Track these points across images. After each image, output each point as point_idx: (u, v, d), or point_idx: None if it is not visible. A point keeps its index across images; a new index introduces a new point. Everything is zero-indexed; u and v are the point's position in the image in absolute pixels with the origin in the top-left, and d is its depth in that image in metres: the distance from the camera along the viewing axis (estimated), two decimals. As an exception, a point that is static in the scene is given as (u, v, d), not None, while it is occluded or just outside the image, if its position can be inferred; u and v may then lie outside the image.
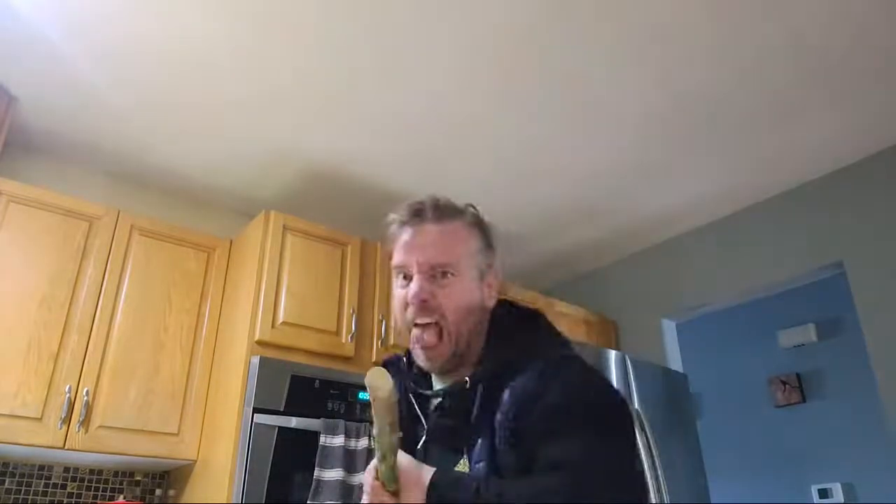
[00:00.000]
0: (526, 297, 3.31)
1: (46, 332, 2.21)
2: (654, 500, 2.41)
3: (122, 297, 2.40)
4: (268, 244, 2.50)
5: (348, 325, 2.56)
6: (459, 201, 1.06)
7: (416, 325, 0.96)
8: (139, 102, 2.46)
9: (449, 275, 0.97)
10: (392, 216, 1.03)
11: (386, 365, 1.00)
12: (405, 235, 1.00)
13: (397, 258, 1.00)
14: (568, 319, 3.41)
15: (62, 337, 2.23)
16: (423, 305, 0.95)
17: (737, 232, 3.21)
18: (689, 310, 3.41)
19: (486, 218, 1.06)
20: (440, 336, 0.95)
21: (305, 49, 2.21)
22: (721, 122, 2.58)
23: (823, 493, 3.58)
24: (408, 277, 0.98)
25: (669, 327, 3.46)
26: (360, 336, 2.58)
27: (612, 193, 3.11)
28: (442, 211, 1.01)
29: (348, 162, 2.84)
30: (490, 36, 2.16)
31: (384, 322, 2.68)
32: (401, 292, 0.99)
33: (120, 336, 2.34)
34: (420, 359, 0.98)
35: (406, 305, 0.97)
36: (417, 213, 1.01)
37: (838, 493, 3.53)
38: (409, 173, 2.92)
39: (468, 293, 0.97)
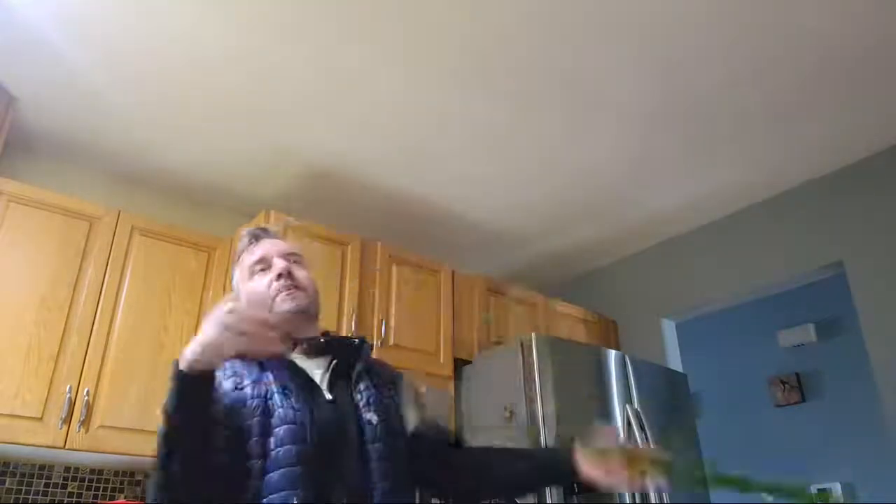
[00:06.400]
0: (526, 296, 3.31)
1: (47, 332, 2.21)
2: (654, 501, 2.41)
3: (123, 297, 2.40)
4: (268, 244, 2.49)
5: (348, 324, 2.56)
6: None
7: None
8: (139, 102, 2.46)
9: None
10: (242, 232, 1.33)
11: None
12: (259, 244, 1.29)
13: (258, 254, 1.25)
14: (568, 319, 3.41)
15: (62, 337, 2.23)
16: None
17: (737, 232, 3.21)
18: (689, 310, 3.41)
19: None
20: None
21: (305, 49, 2.21)
22: (721, 122, 2.59)
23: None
24: (266, 268, 1.23)
25: (669, 327, 3.46)
26: (361, 335, 2.57)
27: (612, 193, 3.11)
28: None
29: (348, 162, 2.84)
30: (490, 34, 2.16)
31: (384, 322, 2.69)
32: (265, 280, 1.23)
33: (120, 336, 2.34)
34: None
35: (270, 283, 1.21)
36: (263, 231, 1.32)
37: (838, 493, 3.53)
38: (409, 173, 2.92)
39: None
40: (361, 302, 2.66)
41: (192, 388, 0.89)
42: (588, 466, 1.17)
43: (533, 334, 2.55)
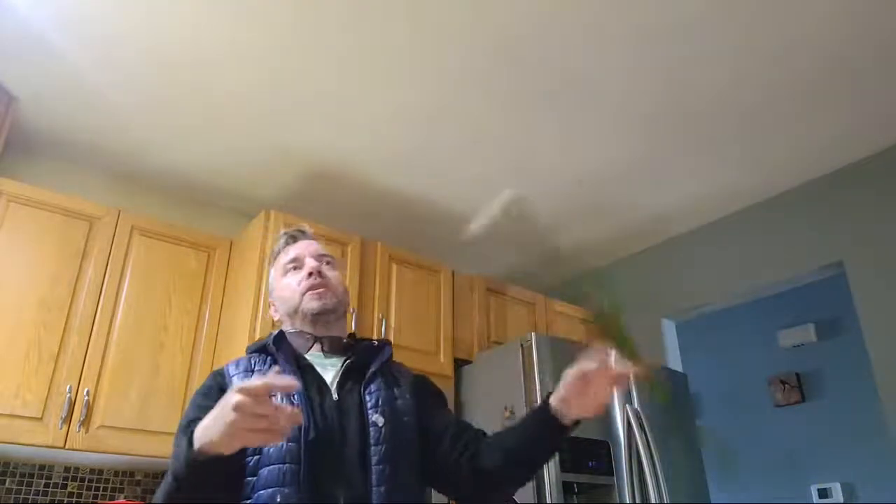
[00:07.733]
0: (526, 296, 3.31)
1: (47, 332, 2.21)
2: (654, 500, 2.41)
3: (123, 297, 2.40)
4: (268, 244, 2.50)
5: (348, 324, 2.55)
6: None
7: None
8: (139, 102, 2.46)
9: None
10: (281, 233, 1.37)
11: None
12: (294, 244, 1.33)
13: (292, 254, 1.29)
14: (568, 319, 3.41)
15: (62, 337, 2.23)
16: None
17: (737, 232, 3.21)
18: (689, 310, 3.41)
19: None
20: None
21: (306, 49, 2.21)
22: (721, 122, 2.59)
23: (823, 493, 3.58)
24: (299, 267, 1.27)
25: (669, 327, 3.46)
26: (361, 335, 2.57)
27: (612, 193, 3.11)
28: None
29: (348, 162, 2.84)
30: (491, 34, 2.16)
31: (384, 321, 2.69)
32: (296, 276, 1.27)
33: (120, 336, 2.34)
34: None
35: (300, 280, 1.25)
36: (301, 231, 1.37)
37: (838, 493, 3.53)
38: (410, 173, 2.92)
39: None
40: (361, 301, 2.66)
41: (210, 466, 0.88)
42: (563, 395, 1.06)
43: (533, 334, 2.55)
